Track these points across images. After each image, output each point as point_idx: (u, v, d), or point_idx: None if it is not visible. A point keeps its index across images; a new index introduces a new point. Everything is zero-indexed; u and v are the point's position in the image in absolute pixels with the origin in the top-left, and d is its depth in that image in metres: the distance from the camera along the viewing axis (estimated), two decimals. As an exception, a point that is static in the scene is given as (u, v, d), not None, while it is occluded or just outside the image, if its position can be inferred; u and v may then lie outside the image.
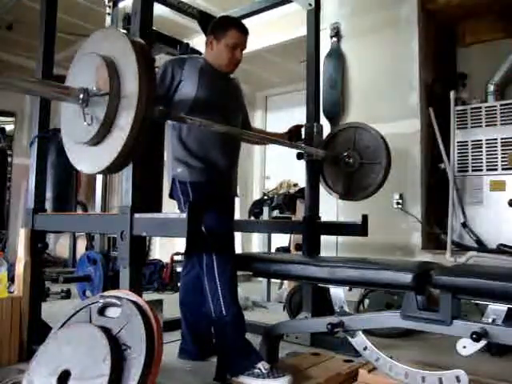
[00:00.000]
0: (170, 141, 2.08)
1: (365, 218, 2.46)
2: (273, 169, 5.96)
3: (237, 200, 2.28)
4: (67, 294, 3.87)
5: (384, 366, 1.61)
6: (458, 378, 1.43)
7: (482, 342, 1.39)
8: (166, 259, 4.68)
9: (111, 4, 3.25)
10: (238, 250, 4.99)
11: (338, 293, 1.77)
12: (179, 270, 4.33)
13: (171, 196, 2.08)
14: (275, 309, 3.47)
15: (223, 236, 1.95)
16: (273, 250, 3.96)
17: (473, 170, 3.30)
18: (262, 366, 1.75)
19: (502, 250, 2.97)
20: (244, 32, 2.11)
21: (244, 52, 2.15)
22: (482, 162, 3.26)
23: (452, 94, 3.38)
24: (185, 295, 2.20)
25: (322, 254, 2.66)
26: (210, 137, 2.04)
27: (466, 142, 3.35)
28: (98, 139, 1.45)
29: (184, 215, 1.47)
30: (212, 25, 2.16)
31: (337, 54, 3.88)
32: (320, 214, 2.63)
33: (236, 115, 2.21)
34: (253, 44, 2.20)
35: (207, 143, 2.04)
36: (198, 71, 2.04)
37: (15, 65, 5.69)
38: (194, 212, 1.48)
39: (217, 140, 2.05)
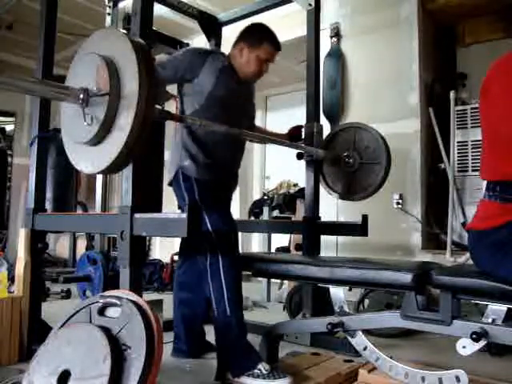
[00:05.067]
0: (180, 130, 2.06)
1: (365, 218, 2.46)
2: (273, 169, 5.97)
3: (237, 200, 2.28)
4: (67, 294, 3.87)
5: (384, 366, 1.60)
6: (457, 378, 1.43)
7: (482, 342, 1.39)
8: (166, 259, 4.68)
9: (111, 4, 3.24)
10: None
11: (337, 293, 1.76)
12: (179, 270, 4.33)
13: (170, 184, 2.06)
14: (275, 309, 3.47)
15: (229, 236, 1.93)
16: (273, 250, 3.96)
17: (473, 170, 3.30)
18: (263, 366, 1.75)
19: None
20: (277, 48, 2.14)
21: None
22: (481, 162, 3.26)
23: (452, 94, 3.38)
24: (182, 293, 2.20)
25: (322, 253, 2.66)
26: (219, 133, 2.03)
27: (466, 142, 3.35)
28: (98, 139, 1.45)
29: (184, 215, 1.47)
30: (246, 30, 2.14)
31: (337, 54, 3.88)
32: (320, 214, 2.63)
33: (246, 117, 2.22)
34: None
35: (216, 137, 2.03)
36: (218, 70, 2.02)
37: (15, 65, 5.70)
38: (193, 212, 1.49)
39: (225, 136, 2.04)
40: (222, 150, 2.05)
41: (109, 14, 3.26)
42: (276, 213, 4.01)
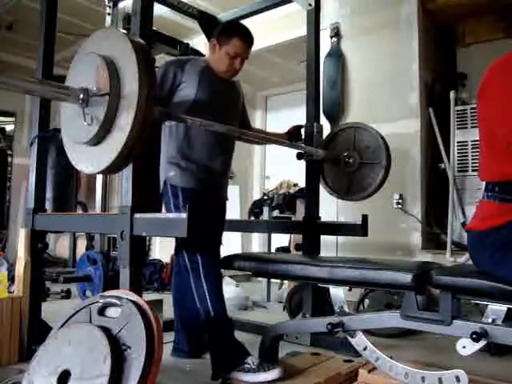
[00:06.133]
0: (166, 144, 2.08)
1: (365, 218, 2.46)
2: (273, 169, 5.96)
3: (237, 200, 2.28)
4: (67, 294, 3.87)
5: (384, 366, 1.60)
6: (457, 378, 1.43)
7: (482, 342, 1.38)
8: (166, 259, 4.68)
9: (111, 4, 3.24)
10: (238, 250, 5.01)
11: (337, 293, 1.76)
12: (179, 270, 4.33)
13: (161, 196, 2.09)
14: (275, 309, 3.46)
15: (208, 238, 1.97)
16: (273, 250, 3.95)
17: (473, 170, 3.30)
18: (251, 360, 1.77)
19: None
20: (247, 42, 2.08)
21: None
22: (481, 162, 3.26)
23: (452, 94, 3.38)
24: (179, 293, 2.20)
25: (322, 253, 2.66)
26: (205, 141, 2.06)
27: (466, 142, 3.36)
28: (97, 139, 1.45)
29: (184, 215, 1.47)
30: (218, 28, 2.15)
31: (337, 54, 3.88)
32: (320, 214, 2.63)
33: (234, 118, 2.21)
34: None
35: (202, 147, 2.06)
36: (199, 73, 2.04)
37: (15, 65, 5.69)
38: (193, 212, 1.49)
39: (211, 144, 2.07)
40: (208, 158, 2.06)
41: (109, 13, 3.26)
42: (276, 213, 4.00)
